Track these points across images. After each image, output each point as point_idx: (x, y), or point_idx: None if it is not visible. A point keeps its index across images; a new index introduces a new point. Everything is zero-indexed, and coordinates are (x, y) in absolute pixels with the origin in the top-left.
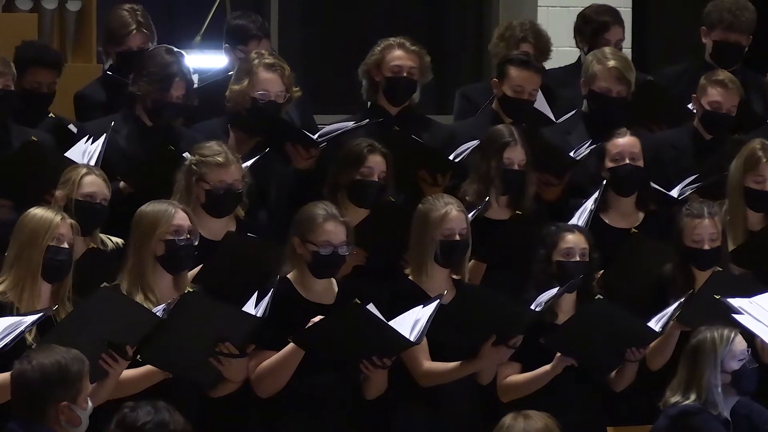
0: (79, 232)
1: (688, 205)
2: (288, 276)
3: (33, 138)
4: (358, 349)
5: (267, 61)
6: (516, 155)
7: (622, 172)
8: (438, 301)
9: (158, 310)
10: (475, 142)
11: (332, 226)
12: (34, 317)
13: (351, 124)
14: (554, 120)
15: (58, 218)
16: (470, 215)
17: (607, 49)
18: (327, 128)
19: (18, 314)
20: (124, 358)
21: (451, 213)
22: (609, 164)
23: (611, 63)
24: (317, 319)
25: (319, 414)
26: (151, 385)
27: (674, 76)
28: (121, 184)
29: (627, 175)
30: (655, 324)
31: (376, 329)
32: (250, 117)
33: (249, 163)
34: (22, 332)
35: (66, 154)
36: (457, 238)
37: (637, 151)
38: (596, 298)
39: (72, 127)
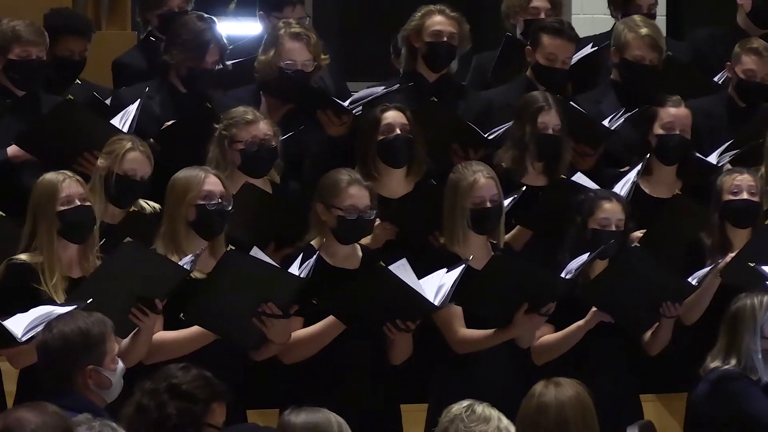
0: (85, 185)
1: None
2: (312, 243)
3: (69, 96)
4: (382, 312)
5: (293, 30)
6: (550, 119)
7: (671, 142)
8: (464, 265)
9: (185, 262)
10: (509, 124)
11: (356, 190)
12: (68, 308)
13: (382, 89)
14: None
15: (60, 179)
16: (507, 202)
17: (637, 17)
18: (358, 94)
19: (43, 277)
20: (153, 311)
21: (479, 181)
22: (658, 131)
23: (644, 31)
24: None
25: (344, 380)
26: (198, 347)
27: (706, 38)
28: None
29: (675, 145)
30: (693, 280)
31: (400, 292)
32: (279, 86)
33: (282, 138)
34: None
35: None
36: (488, 205)
37: (689, 123)
38: (632, 246)
39: (96, 94)
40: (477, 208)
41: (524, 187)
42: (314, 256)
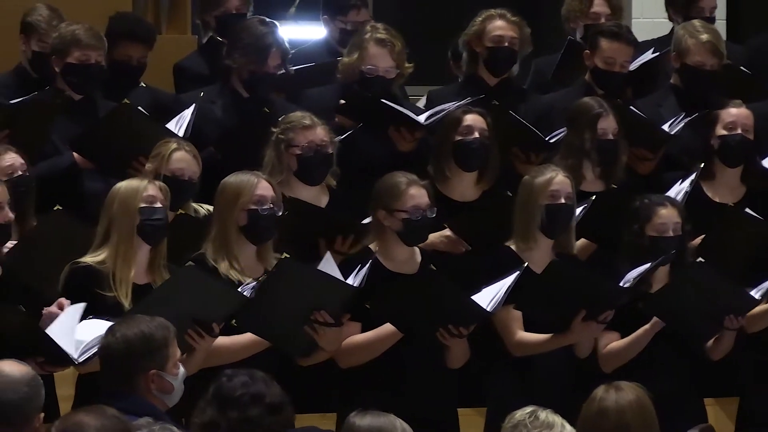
0: (168, 194)
1: None
2: (370, 246)
3: (126, 101)
4: (434, 318)
5: (378, 35)
6: (609, 124)
7: (732, 142)
8: (518, 272)
9: (245, 288)
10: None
11: (416, 190)
12: None
13: (453, 105)
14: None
15: (145, 182)
16: (578, 211)
17: (697, 23)
18: (433, 110)
19: (114, 281)
20: (209, 335)
21: (557, 177)
22: (720, 132)
23: (704, 37)
24: None
25: (400, 384)
26: (251, 354)
27: (761, 44)
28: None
29: (737, 145)
30: (756, 293)
31: (452, 298)
32: (359, 90)
33: (342, 138)
34: None
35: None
36: (563, 201)
37: (750, 124)
38: (695, 261)
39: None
40: (552, 204)
41: (594, 197)
42: (368, 264)
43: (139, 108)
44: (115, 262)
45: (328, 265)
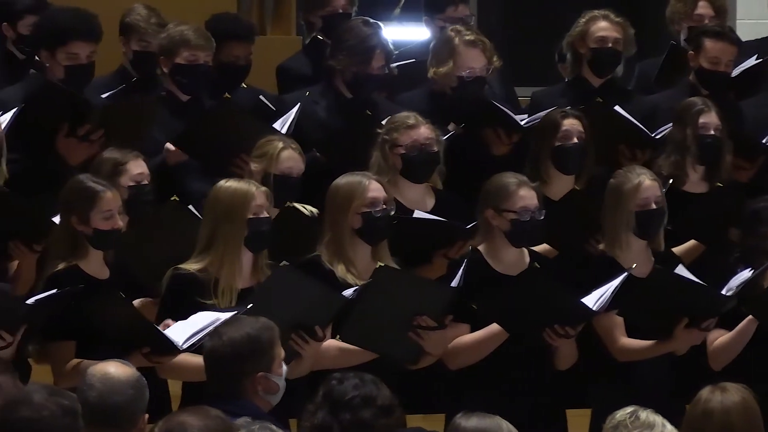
0: (272, 200)
1: None
2: (478, 247)
3: (227, 95)
4: (540, 318)
5: (468, 38)
6: (711, 120)
7: None
8: (626, 273)
9: (348, 293)
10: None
11: (526, 191)
12: (230, 313)
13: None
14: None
15: (253, 189)
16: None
17: None
18: (532, 116)
19: (215, 289)
20: (314, 339)
21: (644, 182)
22: None
23: None
24: None
25: (507, 386)
26: (362, 362)
27: None
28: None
29: None
30: None
31: (558, 298)
32: (456, 95)
33: (445, 137)
34: None
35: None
36: (653, 206)
37: None
38: None
39: (262, 98)
40: (643, 210)
41: (671, 180)
42: (463, 264)
43: (239, 104)
44: (219, 270)
45: None
